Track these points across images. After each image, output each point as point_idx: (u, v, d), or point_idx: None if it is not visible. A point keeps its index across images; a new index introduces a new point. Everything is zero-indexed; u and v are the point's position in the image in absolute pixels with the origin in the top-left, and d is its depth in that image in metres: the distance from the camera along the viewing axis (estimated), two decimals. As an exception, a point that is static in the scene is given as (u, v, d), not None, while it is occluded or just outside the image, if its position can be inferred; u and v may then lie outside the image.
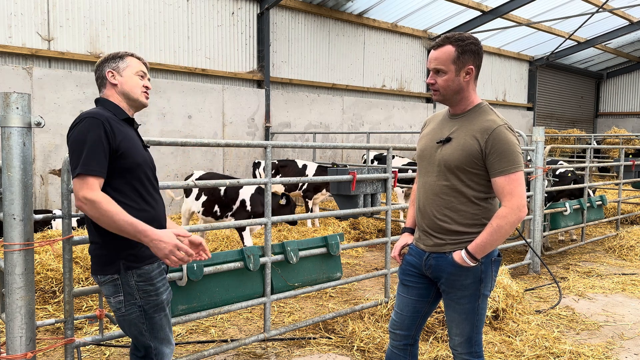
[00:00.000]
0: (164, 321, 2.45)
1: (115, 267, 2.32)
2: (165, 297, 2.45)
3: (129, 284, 2.33)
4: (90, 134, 2.23)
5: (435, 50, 2.48)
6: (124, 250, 2.32)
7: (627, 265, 6.98)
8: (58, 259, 5.28)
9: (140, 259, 2.35)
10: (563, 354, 4.02)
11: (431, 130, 2.65)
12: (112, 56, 2.53)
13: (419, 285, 2.66)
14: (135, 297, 2.35)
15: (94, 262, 2.39)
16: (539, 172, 6.40)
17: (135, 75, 2.51)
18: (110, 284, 2.35)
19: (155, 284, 2.40)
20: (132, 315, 2.36)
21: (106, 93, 2.50)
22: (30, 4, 8.06)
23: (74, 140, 2.26)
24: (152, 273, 2.39)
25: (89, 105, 8.37)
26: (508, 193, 2.37)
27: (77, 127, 2.27)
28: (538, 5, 13.55)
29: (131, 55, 2.55)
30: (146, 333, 2.41)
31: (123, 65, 2.50)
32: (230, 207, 6.36)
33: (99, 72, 2.51)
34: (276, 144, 4.07)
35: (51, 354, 3.90)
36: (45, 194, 8.15)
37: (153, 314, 2.39)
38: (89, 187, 2.19)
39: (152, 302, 2.38)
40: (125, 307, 2.35)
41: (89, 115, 2.29)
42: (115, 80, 2.47)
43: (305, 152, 11.68)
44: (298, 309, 5.07)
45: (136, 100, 2.51)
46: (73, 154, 2.25)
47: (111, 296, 2.36)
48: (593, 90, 22.14)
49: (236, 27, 10.57)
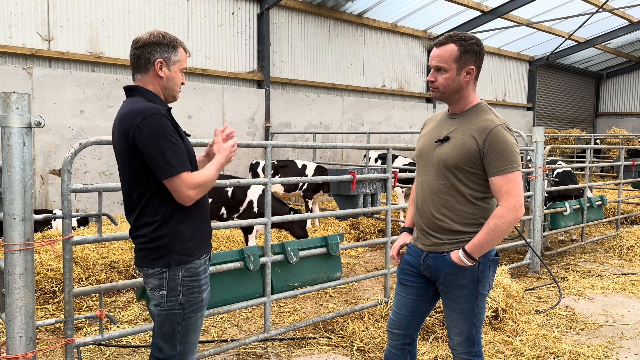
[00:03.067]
0: (198, 323, 2.43)
1: (166, 260, 2.29)
2: (206, 295, 2.43)
3: (174, 279, 2.30)
4: (166, 130, 2.19)
5: (437, 48, 2.49)
6: (177, 244, 2.30)
7: (627, 265, 6.98)
8: (58, 259, 5.29)
9: (191, 253, 2.34)
10: (563, 354, 4.02)
11: (430, 130, 2.66)
12: (164, 42, 2.34)
13: (418, 285, 2.66)
14: (178, 292, 2.32)
15: (141, 255, 2.33)
16: (538, 172, 6.41)
17: (180, 72, 2.41)
18: (156, 277, 2.31)
19: (200, 280, 2.38)
20: (171, 311, 2.33)
21: (145, 80, 2.35)
22: (30, 4, 8.07)
23: (154, 140, 2.17)
24: (200, 268, 2.38)
25: (89, 105, 8.39)
26: (505, 193, 2.37)
27: (147, 125, 2.17)
28: (538, 5, 13.56)
29: (182, 46, 2.40)
30: (178, 334, 2.36)
31: (175, 58, 2.37)
32: (237, 208, 6.27)
33: (145, 54, 2.32)
34: (276, 144, 4.07)
35: (51, 354, 3.91)
36: (45, 194, 8.15)
37: (191, 314, 2.37)
38: (187, 183, 2.21)
39: (193, 300, 2.36)
40: (167, 303, 2.32)
41: (155, 112, 2.20)
42: (163, 74, 2.35)
43: (305, 152, 11.68)
44: (298, 309, 5.07)
45: (173, 97, 2.43)
46: (157, 154, 2.17)
47: (155, 289, 2.33)
48: (593, 90, 22.14)
49: (236, 27, 10.58)
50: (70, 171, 3.01)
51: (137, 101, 2.28)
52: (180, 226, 2.32)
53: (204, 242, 2.44)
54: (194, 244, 2.35)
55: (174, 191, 2.21)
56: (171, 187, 2.21)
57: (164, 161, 2.17)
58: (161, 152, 2.17)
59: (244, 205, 6.26)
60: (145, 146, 2.18)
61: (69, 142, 8.25)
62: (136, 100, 2.30)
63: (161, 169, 2.18)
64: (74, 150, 3.02)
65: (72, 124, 8.33)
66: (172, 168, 2.18)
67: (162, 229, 2.28)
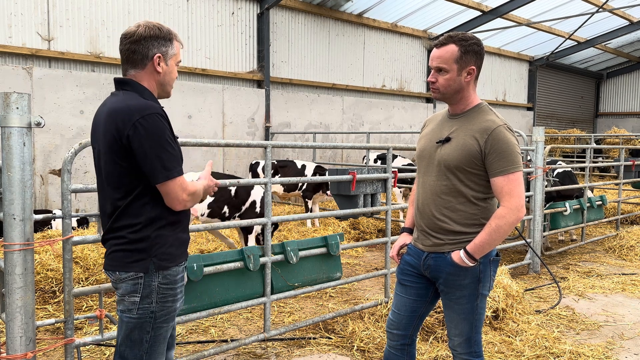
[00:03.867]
0: (167, 334, 2.31)
1: (144, 265, 2.17)
2: (179, 305, 2.32)
3: (150, 285, 2.18)
4: (165, 132, 2.11)
5: (438, 49, 2.48)
6: (158, 248, 2.19)
7: (627, 265, 6.98)
8: (58, 259, 5.28)
9: (171, 258, 2.23)
10: (563, 354, 4.02)
11: (431, 131, 2.65)
12: (161, 35, 2.23)
13: (417, 285, 2.66)
14: (152, 300, 2.19)
15: (116, 258, 2.19)
16: (539, 172, 6.40)
17: (175, 66, 2.31)
18: (129, 282, 2.18)
19: (176, 289, 2.27)
20: (141, 319, 2.20)
21: (140, 76, 2.23)
22: (30, 4, 8.07)
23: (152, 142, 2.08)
24: (177, 276, 2.27)
25: (89, 105, 8.39)
26: (507, 193, 2.37)
27: (145, 125, 2.07)
28: (538, 5, 13.56)
29: (176, 39, 2.29)
30: (146, 344, 2.22)
31: (171, 52, 2.26)
32: (239, 208, 6.30)
33: (142, 49, 2.20)
34: (276, 144, 4.07)
35: (51, 354, 3.91)
36: (45, 194, 8.15)
37: (162, 323, 2.25)
38: (183, 188, 2.16)
39: (167, 309, 2.24)
40: (138, 310, 2.19)
41: (153, 111, 2.10)
42: (161, 69, 2.24)
43: (305, 152, 11.68)
44: (298, 309, 5.07)
45: (168, 92, 2.33)
46: (153, 156, 2.08)
47: (126, 295, 2.19)
48: (593, 90, 22.15)
49: (236, 27, 10.58)
50: (70, 171, 3.01)
51: (132, 97, 2.15)
52: (162, 230, 2.20)
53: (183, 249, 2.33)
54: (174, 250, 2.25)
55: (168, 194, 2.13)
56: (165, 191, 2.13)
57: (160, 164, 2.09)
58: (158, 154, 2.09)
59: (246, 205, 6.27)
60: (140, 146, 2.07)
61: (69, 142, 8.25)
62: (130, 95, 2.17)
63: (156, 172, 2.09)
64: (74, 150, 3.02)
65: (72, 124, 8.33)
66: (168, 172, 2.10)
67: (144, 232, 2.16)
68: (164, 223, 2.21)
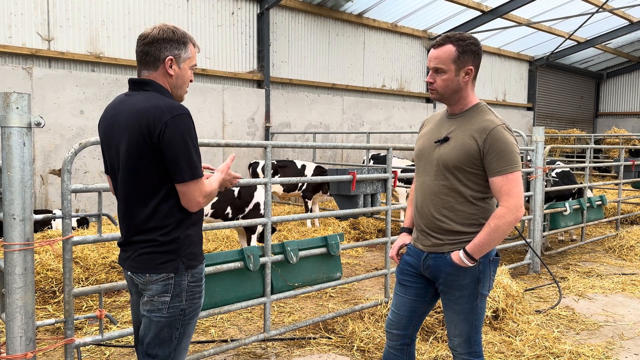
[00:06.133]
0: (193, 329, 2.37)
1: (174, 265, 2.19)
2: (202, 300, 2.37)
3: (180, 285, 2.21)
4: (194, 133, 2.15)
5: (435, 49, 2.48)
6: (186, 248, 2.22)
7: (627, 265, 6.98)
8: (58, 259, 5.29)
9: (197, 257, 2.28)
10: (563, 354, 4.02)
11: (429, 130, 2.65)
12: (174, 37, 2.23)
13: (417, 285, 2.66)
14: (182, 299, 2.23)
15: (145, 260, 2.20)
16: (539, 172, 6.41)
17: (190, 70, 2.31)
18: (160, 283, 2.19)
19: (201, 286, 2.32)
20: (171, 318, 2.23)
21: (154, 77, 2.24)
22: (30, 4, 8.07)
23: (181, 141, 2.09)
24: (202, 274, 2.32)
25: (89, 105, 8.39)
26: (506, 193, 2.37)
27: (177, 125, 2.09)
28: (538, 5, 13.56)
29: (191, 42, 2.30)
30: (175, 340, 2.27)
31: (185, 55, 2.26)
32: (242, 209, 6.29)
33: (154, 51, 2.21)
34: (276, 144, 4.07)
35: (51, 354, 3.91)
36: (45, 194, 8.15)
37: (190, 320, 2.30)
38: (202, 190, 2.17)
39: (194, 305, 2.29)
40: (169, 309, 2.21)
41: (183, 111, 2.12)
42: (173, 72, 2.24)
43: (305, 152, 11.68)
44: (298, 309, 5.07)
45: (181, 96, 2.33)
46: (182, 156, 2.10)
47: (156, 295, 2.20)
48: (593, 90, 22.14)
49: (236, 27, 10.58)
50: (70, 171, 3.01)
51: (157, 97, 2.17)
52: (189, 230, 2.25)
53: (201, 247, 2.40)
54: (198, 249, 2.31)
55: (187, 195, 2.13)
56: (186, 191, 2.13)
57: (188, 164, 2.10)
58: (187, 154, 2.10)
59: (249, 207, 6.26)
60: (170, 145, 2.07)
61: (69, 142, 8.25)
62: (154, 95, 2.18)
63: (183, 171, 2.10)
64: (74, 150, 3.02)
65: (72, 124, 8.33)
66: (194, 172, 2.12)
67: (174, 233, 2.19)
68: (190, 223, 2.26)
